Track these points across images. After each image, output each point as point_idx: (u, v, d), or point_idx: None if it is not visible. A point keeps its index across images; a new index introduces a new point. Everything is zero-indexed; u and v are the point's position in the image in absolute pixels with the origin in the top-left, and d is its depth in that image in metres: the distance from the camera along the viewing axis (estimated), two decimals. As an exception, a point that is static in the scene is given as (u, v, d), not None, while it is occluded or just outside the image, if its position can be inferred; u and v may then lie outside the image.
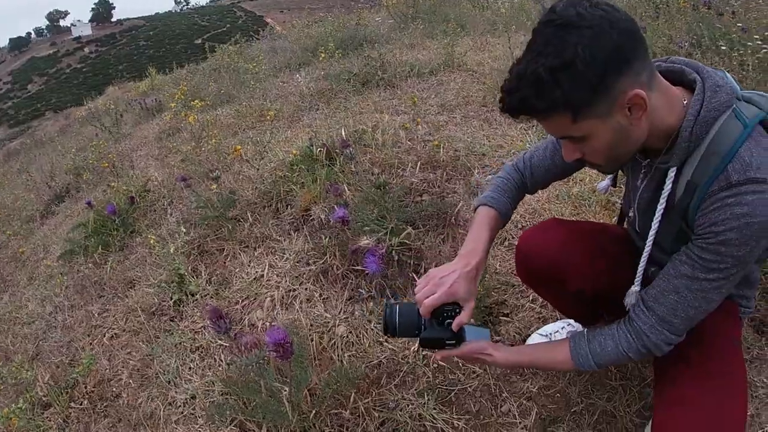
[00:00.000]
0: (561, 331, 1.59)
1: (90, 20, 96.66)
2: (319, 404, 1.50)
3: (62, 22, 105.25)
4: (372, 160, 2.70)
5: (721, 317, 1.02)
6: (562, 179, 1.36)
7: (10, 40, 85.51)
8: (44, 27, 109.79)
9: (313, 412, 1.47)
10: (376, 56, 4.44)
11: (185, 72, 8.03)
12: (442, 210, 2.21)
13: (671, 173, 0.94)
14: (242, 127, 4.13)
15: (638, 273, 1.06)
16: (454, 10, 6.77)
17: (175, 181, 3.21)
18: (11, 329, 2.69)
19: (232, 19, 65.56)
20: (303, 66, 5.65)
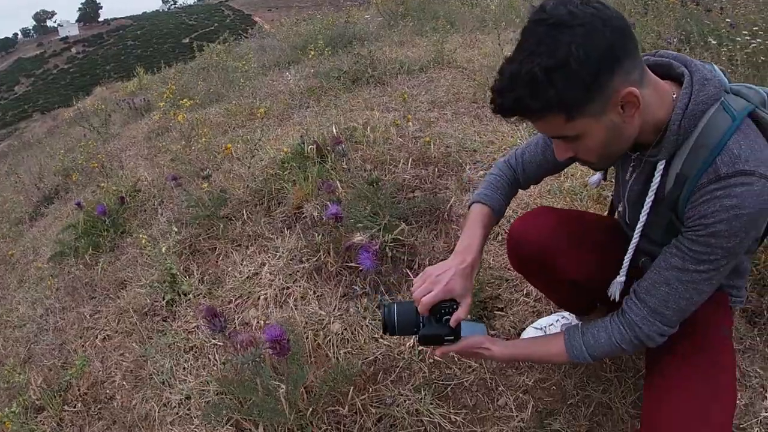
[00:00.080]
0: (555, 324, 1.60)
1: (77, 20, 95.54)
2: (316, 401, 1.50)
3: (49, 23, 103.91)
4: (364, 157, 2.69)
5: (711, 308, 1.03)
6: (554, 174, 1.37)
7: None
8: (31, 28, 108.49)
9: (310, 409, 1.47)
10: (365, 54, 4.43)
11: (173, 71, 7.93)
12: (435, 206, 2.22)
13: (660, 166, 0.95)
14: (232, 126, 4.10)
15: (624, 264, 1.07)
16: (443, 7, 6.78)
17: (166, 181, 3.19)
18: (2, 333, 2.67)
19: (219, 18, 65.03)
20: (292, 64, 5.62)
